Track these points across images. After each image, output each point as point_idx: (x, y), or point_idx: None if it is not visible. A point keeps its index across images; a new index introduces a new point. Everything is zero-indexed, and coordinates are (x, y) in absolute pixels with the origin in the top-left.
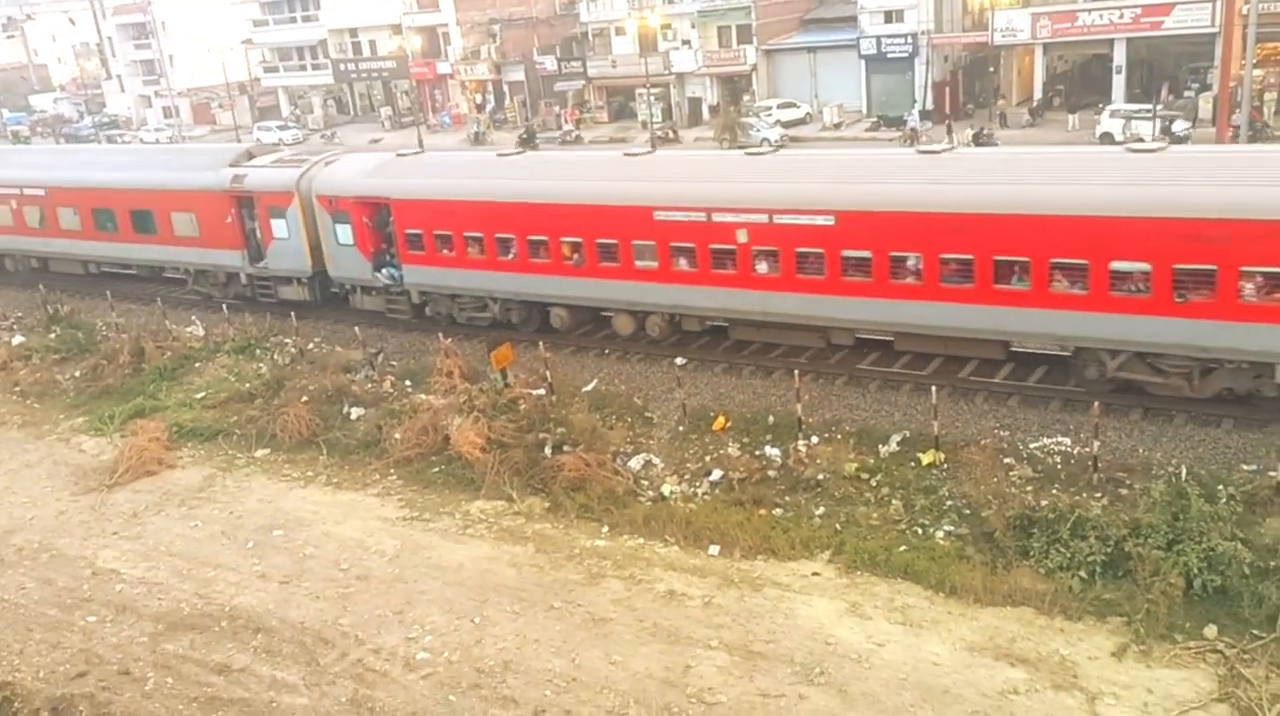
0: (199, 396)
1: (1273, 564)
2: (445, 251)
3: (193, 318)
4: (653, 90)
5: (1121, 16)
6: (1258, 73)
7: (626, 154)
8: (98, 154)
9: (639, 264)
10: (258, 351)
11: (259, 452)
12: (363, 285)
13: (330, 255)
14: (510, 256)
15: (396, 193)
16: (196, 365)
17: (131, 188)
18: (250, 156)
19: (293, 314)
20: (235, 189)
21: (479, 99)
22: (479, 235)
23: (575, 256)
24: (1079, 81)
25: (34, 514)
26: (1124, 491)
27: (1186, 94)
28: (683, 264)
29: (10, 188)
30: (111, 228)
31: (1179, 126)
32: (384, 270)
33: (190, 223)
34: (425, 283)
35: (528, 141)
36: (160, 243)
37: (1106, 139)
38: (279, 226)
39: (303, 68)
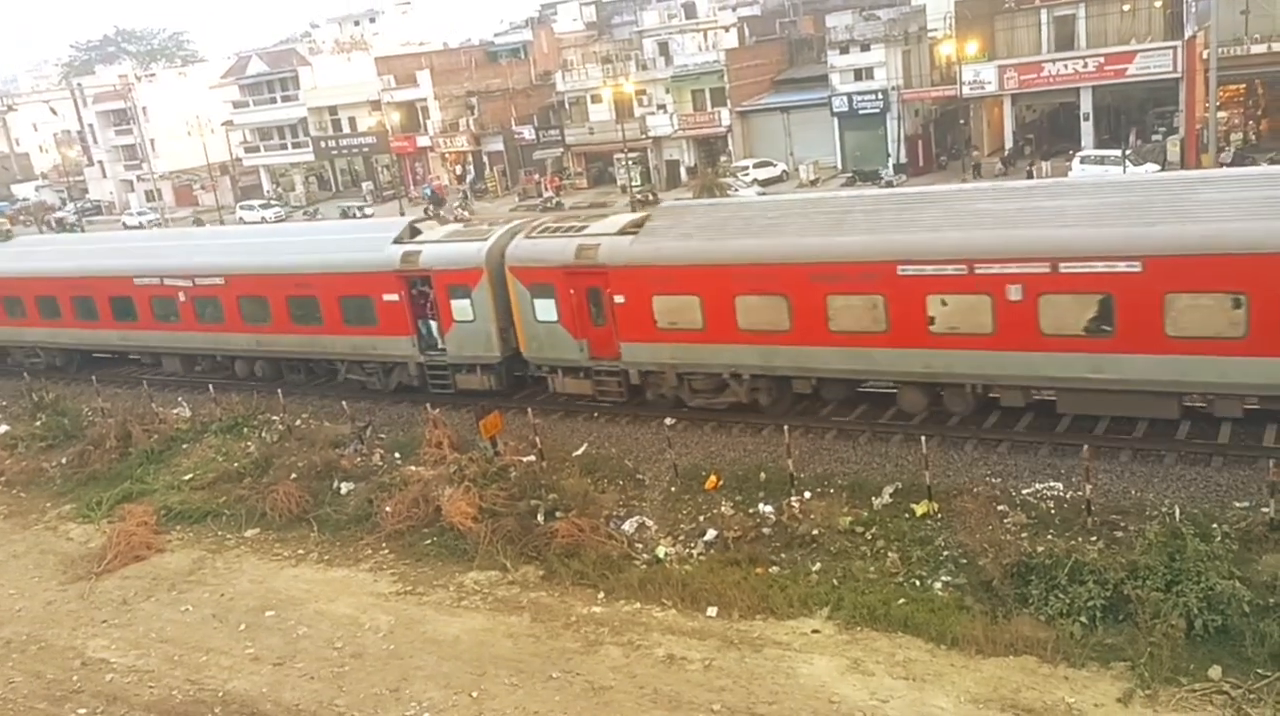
0: (187, 478)
1: (1272, 601)
2: None
3: (179, 399)
4: (630, 155)
5: (1086, 65)
6: (1221, 114)
7: None
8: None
9: None
10: (245, 430)
11: (249, 532)
12: None
13: None
14: None
15: None
16: (184, 446)
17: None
18: None
19: (280, 391)
20: None
21: (459, 170)
22: None
23: None
24: (1048, 129)
25: (22, 605)
26: (1119, 534)
27: (1154, 138)
28: None
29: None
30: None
31: (1148, 169)
32: None
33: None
34: None
35: (436, 206)
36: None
37: None
38: None
39: (283, 146)
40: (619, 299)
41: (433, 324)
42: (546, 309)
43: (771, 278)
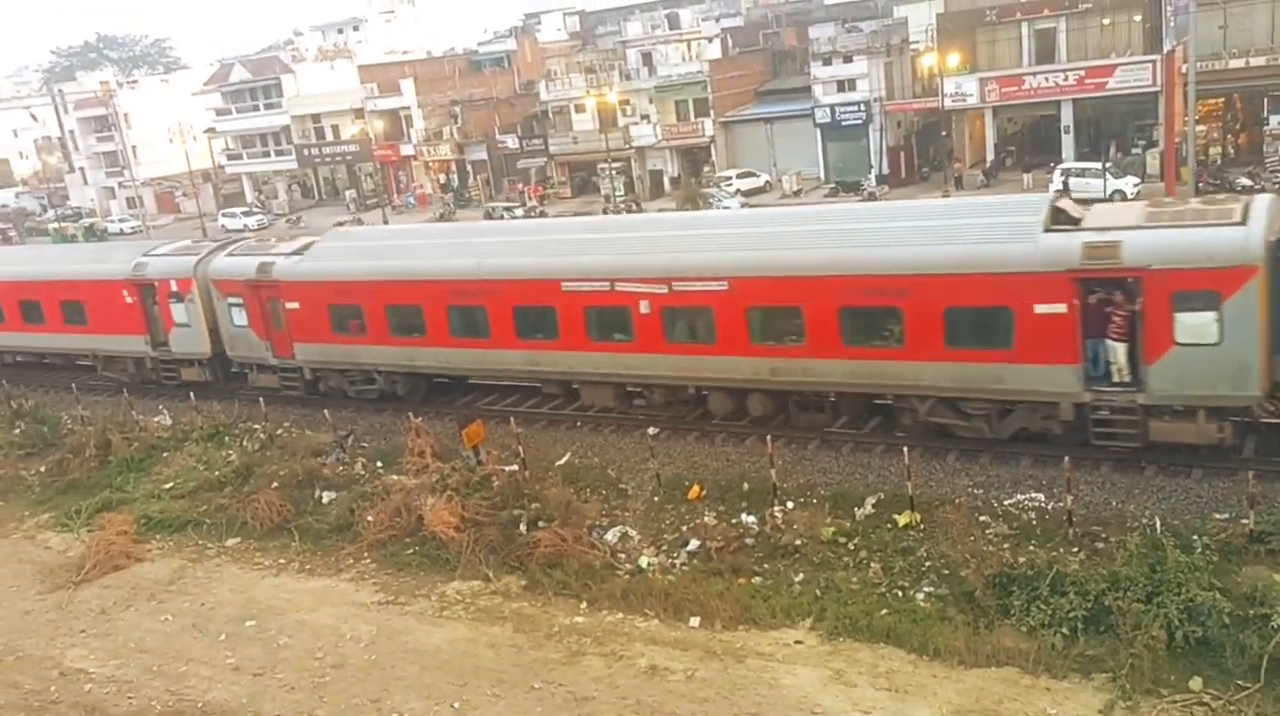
0: (167, 487)
1: (1252, 613)
2: None
3: (159, 407)
4: (614, 164)
5: (1066, 79)
6: (1200, 128)
7: None
8: None
9: None
10: (226, 438)
11: (230, 542)
12: None
13: None
14: None
15: None
16: (164, 455)
17: None
18: None
19: (261, 399)
20: None
21: (443, 179)
22: None
23: None
24: (1029, 142)
25: None
26: (1100, 545)
27: (1134, 151)
28: None
29: None
30: None
31: (1129, 182)
32: None
33: None
34: None
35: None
36: None
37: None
38: None
39: (266, 154)
40: None
41: (1115, 348)
42: None
43: None
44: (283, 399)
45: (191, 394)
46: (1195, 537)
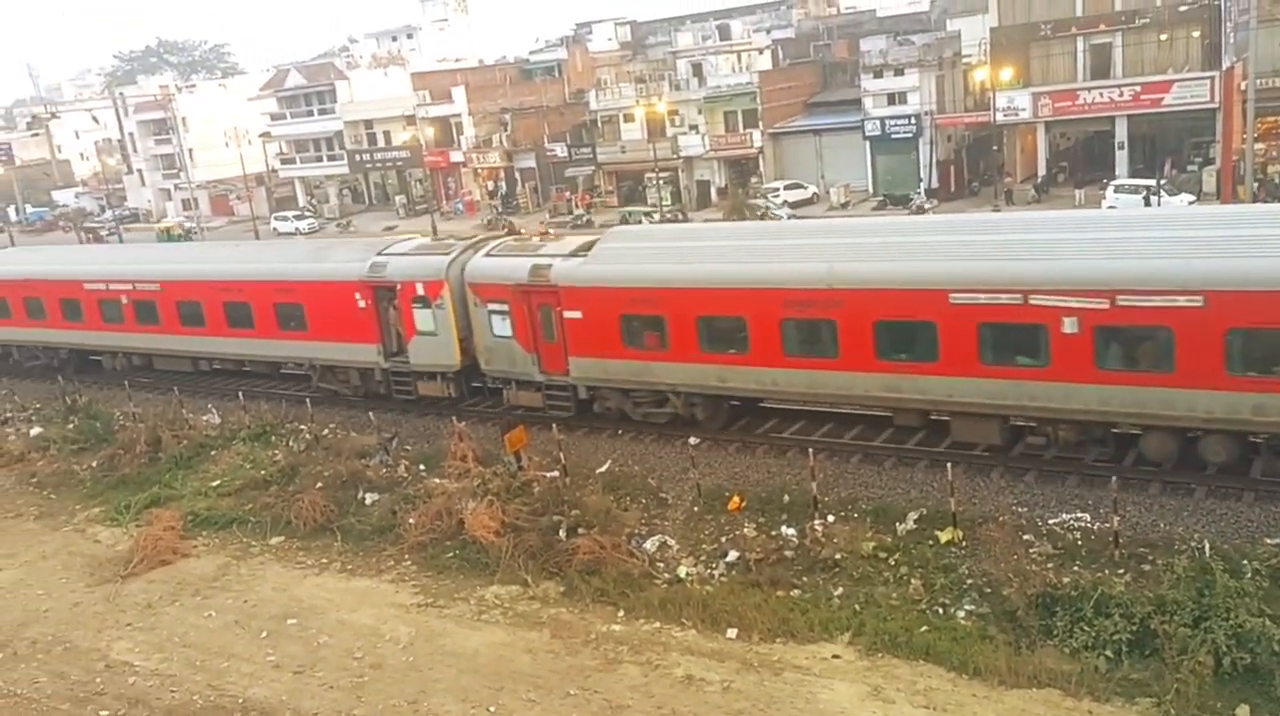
0: (214, 484)
1: None
2: None
3: (209, 406)
4: (661, 174)
5: (1122, 94)
6: (1259, 146)
7: None
8: None
9: None
10: (273, 438)
11: (274, 540)
12: None
13: None
14: None
15: None
16: (212, 453)
17: None
18: None
19: (308, 400)
20: None
21: (491, 186)
22: None
23: None
24: (1083, 157)
25: (49, 606)
26: (1147, 567)
27: (1190, 168)
28: None
29: None
30: None
31: (1184, 198)
32: None
33: None
34: None
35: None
36: None
37: None
38: None
39: (319, 159)
40: None
41: None
42: None
43: None
44: (328, 400)
45: (240, 393)
46: (1245, 562)
